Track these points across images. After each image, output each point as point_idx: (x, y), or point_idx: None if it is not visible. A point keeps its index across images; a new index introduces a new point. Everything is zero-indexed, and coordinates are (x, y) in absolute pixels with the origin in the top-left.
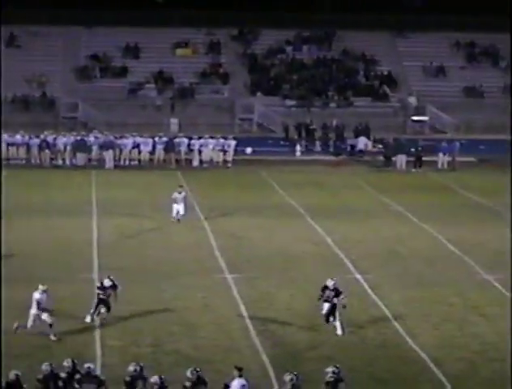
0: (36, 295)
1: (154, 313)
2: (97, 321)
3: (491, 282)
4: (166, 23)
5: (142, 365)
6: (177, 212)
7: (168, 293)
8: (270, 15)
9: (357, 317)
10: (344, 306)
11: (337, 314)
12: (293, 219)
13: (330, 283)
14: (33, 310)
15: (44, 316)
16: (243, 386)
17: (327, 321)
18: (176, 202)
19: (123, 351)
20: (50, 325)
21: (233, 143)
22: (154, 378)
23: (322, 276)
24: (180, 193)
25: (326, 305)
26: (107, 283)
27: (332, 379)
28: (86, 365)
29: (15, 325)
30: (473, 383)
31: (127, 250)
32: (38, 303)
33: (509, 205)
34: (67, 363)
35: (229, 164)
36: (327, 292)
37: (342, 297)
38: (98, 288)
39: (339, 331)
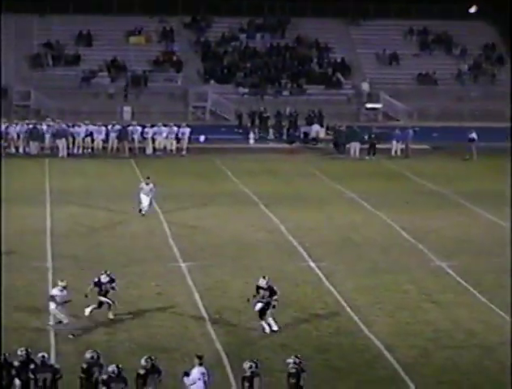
0: (55, 291)
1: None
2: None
3: (445, 269)
4: (119, 10)
5: (99, 352)
6: (139, 203)
7: (121, 282)
8: (224, 3)
9: (311, 305)
10: (274, 307)
11: (268, 312)
12: (247, 207)
13: (262, 282)
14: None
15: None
16: (203, 374)
17: (261, 317)
18: (143, 192)
19: (77, 340)
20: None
21: (188, 130)
22: (111, 367)
23: (276, 264)
24: (147, 184)
25: (259, 304)
26: (104, 278)
27: (294, 370)
28: (40, 354)
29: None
30: (427, 370)
31: (80, 239)
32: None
33: (463, 192)
34: (21, 352)
35: (184, 152)
36: (262, 292)
37: (275, 297)
38: (95, 284)
39: (275, 327)
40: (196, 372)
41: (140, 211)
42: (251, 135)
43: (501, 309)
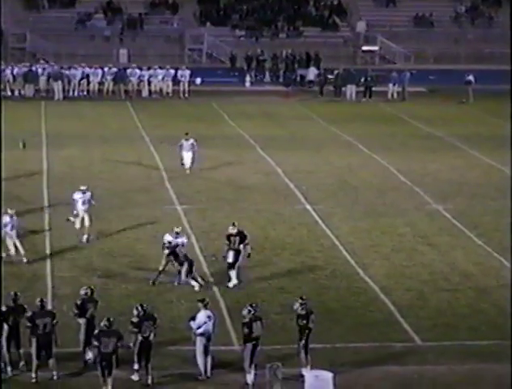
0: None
1: (103, 244)
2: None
3: (440, 212)
4: None
5: (92, 288)
6: (182, 159)
7: (117, 225)
8: None
9: (307, 247)
10: (248, 255)
11: (237, 264)
12: (244, 150)
13: (233, 230)
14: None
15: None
16: (209, 317)
17: (229, 267)
18: (183, 149)
19: (74, 282)
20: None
21: (188, 73)
22: (103, 321)
23: (273, 207)
24: (187, 140)
25: (231, 254)
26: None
27: (304, 312)
28: (38, 299)
29: None
30: (422, 313)
31: (76, 182)
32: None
33: (460, 135)
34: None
35: (186, 95)
36: (232, 240)
37: (246, 241)
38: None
39: (232, 283)
40: (202, 315)
41: (182, 165)
42: (247, 78)
43: (497, 251)
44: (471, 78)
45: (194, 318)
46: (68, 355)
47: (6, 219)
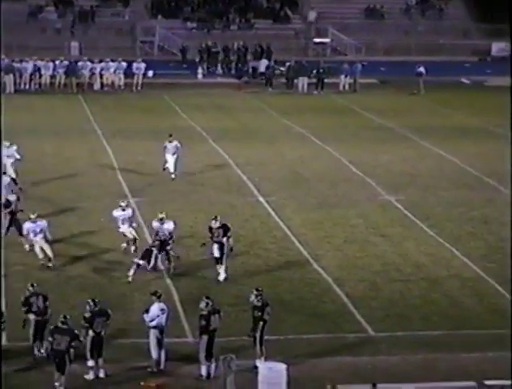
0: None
1: (57, 238)
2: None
3: (392, 203)
4: None
5: (34, 284)
6: (165, 163)
7: (70, 218)
8: None
9: (260, 239)
10: (231, 249)
11: (224, 257)
12: (196, 142)
13: (215, 224)
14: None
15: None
16: (162, 309)
17: (217, 262)
18: (167, 152)
19: (27, 276)
20: None
21: (143, 65)
22: (60, 318)
23: (226, 199)
24: (171, 142)
25: (216, 247)
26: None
27: (260, 304)
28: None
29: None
30: (375, 303)
31: (28, 176)
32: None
33: (411, 126)
34: None
35: (139, 87)
36: (216, 232)
37: (229, 234)
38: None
39: (222, 276)
40: (155, 308)
41: (164, 170)
42: (199, 70)
43: (448, 242)
44: (421, 69)
45: (147, 311)
46: (19, 349)
47: (28, 225)
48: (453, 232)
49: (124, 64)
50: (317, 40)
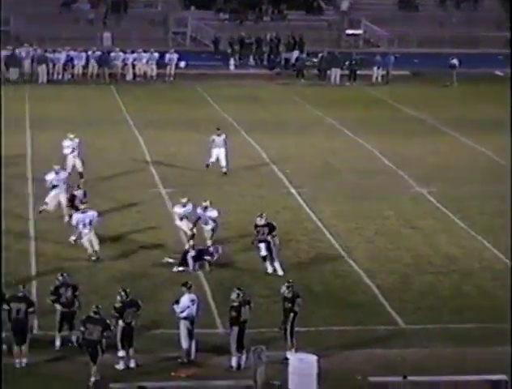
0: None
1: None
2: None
3: (424, 195)
4: None
5: (65, 274)
6: (217, 159)
7: (103, 208)
8: None
9: (291, 231)
10: (275, 245)
11: (275, 253)
12: (228, 133)
13: (260, 221)
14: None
15: None
16: (192, 300)
17: (265, 260)
18: (215, 146)
19: (59, 267)
20: None
21: (175, 56)
22: (92, 308)
23: (257, 191)
24: (219, 135)
25: (263, 246)
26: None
27: (290, 295)
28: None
29: None
30: (406, 295)
31: (61, 165)
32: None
33: (444, 118)
34: None
35: (171, 78)
36: (261, 230)
37: (274, 233)
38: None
39: (280, 272)
40: (186, 299)
41: (207, 166)
42: (231, 61)
43: (480, 234)
44: (455, 61)
45: (177, 302)
46: (50, 338)
47: (77, 216)
48: (485, 225)
49: (156, 55)
50: (349, 31)
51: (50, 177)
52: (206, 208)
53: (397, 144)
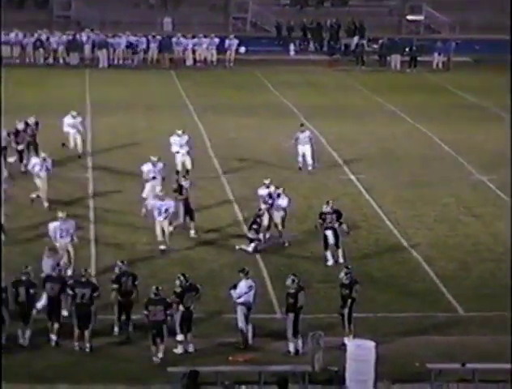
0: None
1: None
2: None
3: (485, 183)
4: None
5: (124, 262)
6: (303, 156)
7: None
8: None
9: (350, 217)
10: (348, 232)
11: (339, 242)
12: (287, 119)
13: (327, 208)
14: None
15: None
16: (250, 286)
17: (326, 248)
18: (299, 143)
19: (117, 250)
20: None
21: (235, 42)
22: (152, 289)
23: (316, 177)
24: (302, 132)
25: (330, 233)
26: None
27: (348, 281)
28: (82, 270)
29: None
30: (466, 283)
31: (120, 150)
32: None
33: (505, 105)
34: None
35: (231, 64)
36: (329, 217)
37: (341, 220)
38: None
39: (341, 260)
40: (243, 285)
41: (300, 168)
42: (291, 47)
43: None
44: None
45: (235, 287)
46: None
47: (155, 203)
48: None
49: (216, 40)
50: (410, 17)
51: (147, 168)
52: (279, 195)
53: (458, 131)
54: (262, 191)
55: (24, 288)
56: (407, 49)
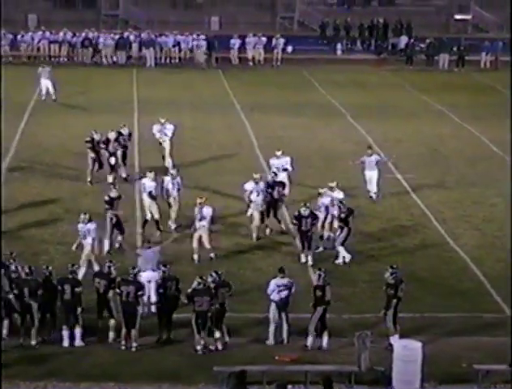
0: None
1: (193, 212)
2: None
3: None
4: None
5: (168, 266)
6: (370, 181)
7: (208, 191)
8: None
9: (397, 216)
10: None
11: (312, 243)
12: (334, 118)
13: (304, 211)
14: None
15: None
16: (284, 285)
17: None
18: (367, 168)
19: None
20: None
21: (282, 41)
22: (196, 280)
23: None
24: (370, 155)
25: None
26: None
27: (393, 281)
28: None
29: None
30: None
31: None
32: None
33: None
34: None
35: (278, 63)
36: (303, 221)
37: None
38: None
39: (310, 262)
40: (273, 283)
41: (371, 197)
42: (339, 46)
43: None
44: None
45: (268, 285)
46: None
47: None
48: None
49: (264, 39)
50: (458, 16)
51: (250, 186)
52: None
53: (506, 131)
54: (326, 196)
55: (70, 286)
56: (454, 49)
